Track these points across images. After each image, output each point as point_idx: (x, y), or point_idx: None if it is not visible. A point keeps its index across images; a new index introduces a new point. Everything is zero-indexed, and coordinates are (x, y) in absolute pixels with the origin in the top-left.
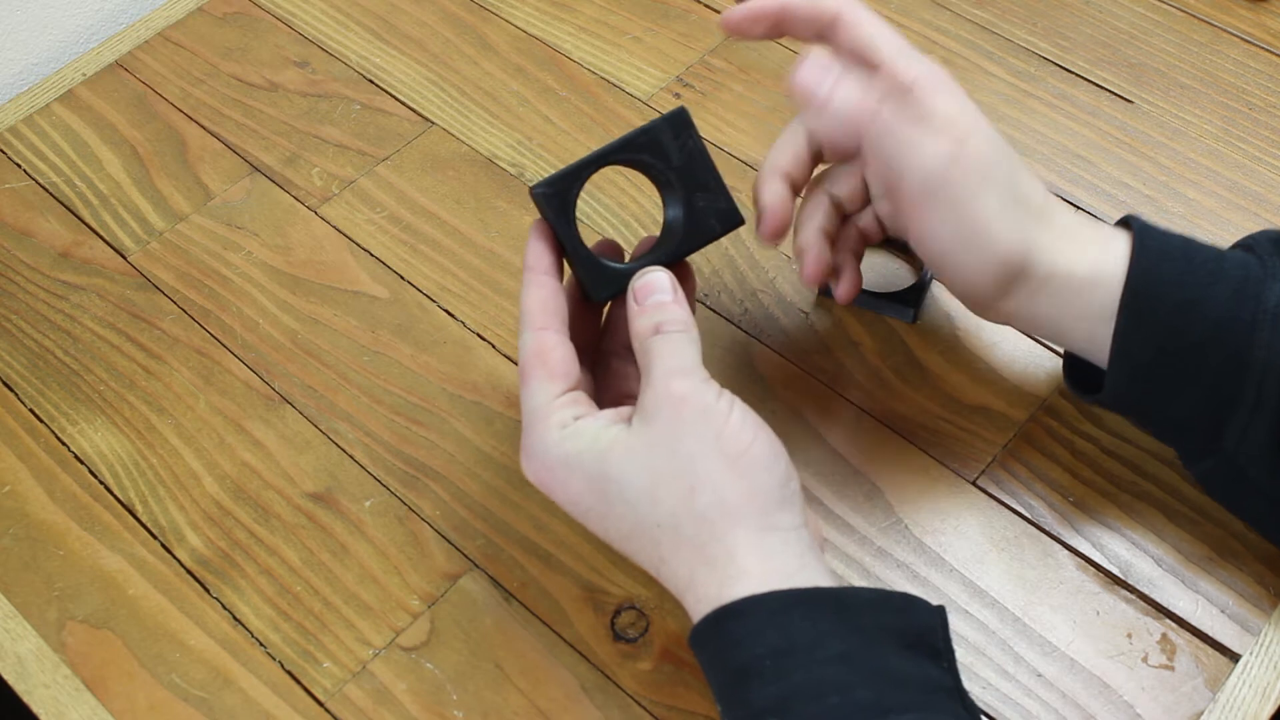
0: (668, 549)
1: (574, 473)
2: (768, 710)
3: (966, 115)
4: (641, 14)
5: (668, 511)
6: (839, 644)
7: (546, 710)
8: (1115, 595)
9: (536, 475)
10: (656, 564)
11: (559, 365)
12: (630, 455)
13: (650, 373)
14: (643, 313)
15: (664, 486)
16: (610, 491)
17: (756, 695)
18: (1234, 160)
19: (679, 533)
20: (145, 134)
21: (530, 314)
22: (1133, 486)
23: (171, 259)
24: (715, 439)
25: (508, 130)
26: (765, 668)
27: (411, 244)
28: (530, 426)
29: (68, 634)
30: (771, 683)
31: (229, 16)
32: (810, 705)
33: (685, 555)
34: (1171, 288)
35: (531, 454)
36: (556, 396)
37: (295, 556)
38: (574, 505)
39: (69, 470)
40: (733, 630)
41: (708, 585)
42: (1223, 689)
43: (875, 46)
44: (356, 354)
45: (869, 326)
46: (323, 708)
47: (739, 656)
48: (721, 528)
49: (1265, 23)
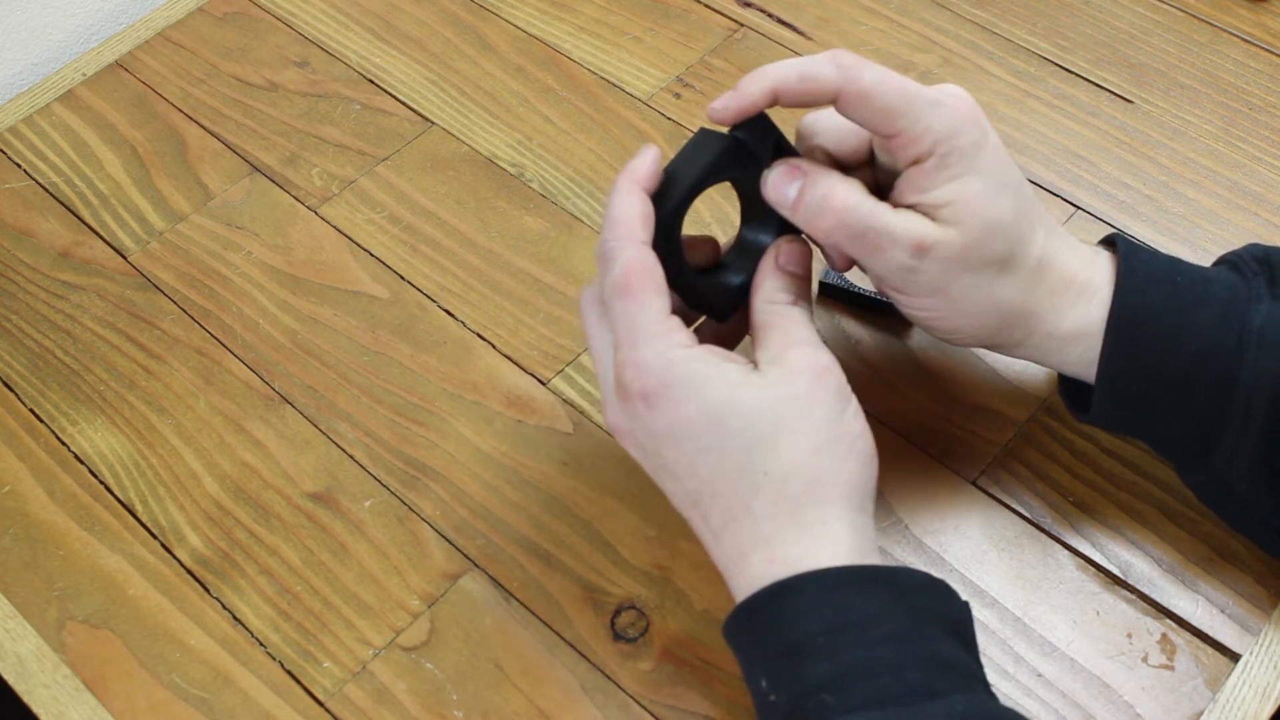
0: (764, 498)
1: (695, 395)
2: (821, 687)
3: (966, 192)
4: (641, 14)
5: (783, 462)
6: (892, 624)
7: (546, 710)
8: (1115, 595)
9: (647, 388)
10: (734, 515)
11: (665, 285)
12: (765, 397)
13: (789, 333)
14: (783, 279)
15: (789, 438)
16: (730, 425)
17: (810, 671)
18: (1234, 160)
19: (785, 486)
20: (145, 134)
21: (630, 223)
22: (1133, 486)
23: (171, 259)
24: (842, 417)
25: (508, 130)
26: (819, 644)
27: (411, 244)
28: (645, 338)
29: (68, 634)
30: (825, 659)
31: (229, 16)
32: (862, 684)
33: (781, 509)
34: (1157, 315)
35: (646, 367)
36: (669, 315)
37: (295, 556)
38: (674, 428)
39: (69, 470)
40: (790, 605)
41: (792, 547)
42: (1223, 689)
43: (883, 122)
44: (356, 354)
45: (869, 326)
46: (323, 708)
47: (794, 631)
48: (829, 494)
49: (1265, 23)
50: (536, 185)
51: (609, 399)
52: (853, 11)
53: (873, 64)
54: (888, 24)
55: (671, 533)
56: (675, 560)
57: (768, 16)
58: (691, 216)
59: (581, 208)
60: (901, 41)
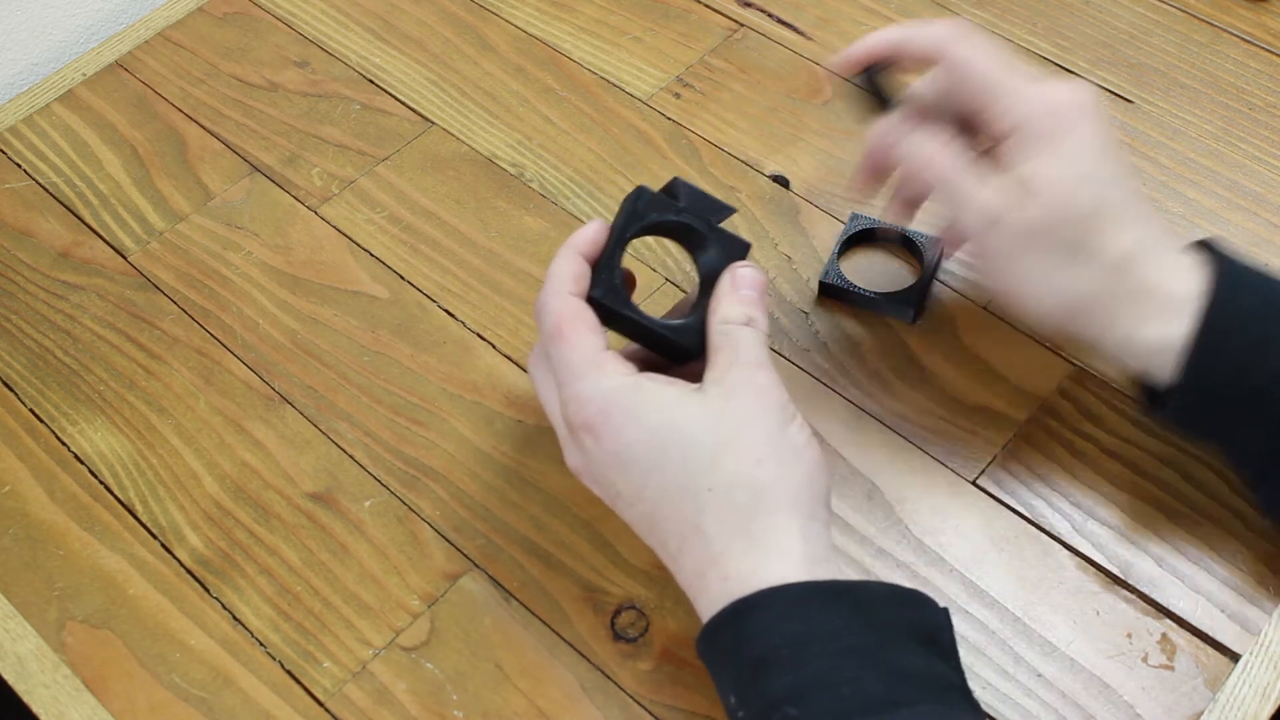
0: (711, 516)
1: (634, 421)
2: (784, 700)
3: (1040, 176)
4: (641, 14)
5: (726, 477)
6: (854, 637)
7: (546, 710)
8: (1115, 595)
9: (589, 419)
10: (684, 535)
11: (597, 325)
12: (703, 417)
13: (737, 354)
14: (739, 301)
15: (730, 453)
16: (670, 446)
17: (773, 685)
18: (1234, 160)
19: (730, 499)
20: (145, 134)
21: (561, 279)
22: (1133, 487)
23: (171, 259)
24: (785, 430)
25: (508, 130)
26: (783, 657)
27: (411, 244)
28: (583, 372)
29: (68, 634)
30: (789, 672)
31: (229, 16)
32: (824, 695)
33: (729, 524)
34: (1245, 324)
35: (586, 399)
36: (603, 350)
37: (295, 556)
38: (618, 455)
39: (69, 470)
40: (752, 621)
41: (742, 561)
42: (1223, 689)
43: (982, 90)
44: (356, 354)
45: (869, 326)
46: (323, 708)
47: (757, 646)
48: (775, 503)
49: (1265, 23)
50: (536, 185)
51: (565, 443)
52: (853, 11)
53: (983, 41)
54: (888, 24)
55: None
56: None
57: (768, 16)
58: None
59: (581, 208)
60: None
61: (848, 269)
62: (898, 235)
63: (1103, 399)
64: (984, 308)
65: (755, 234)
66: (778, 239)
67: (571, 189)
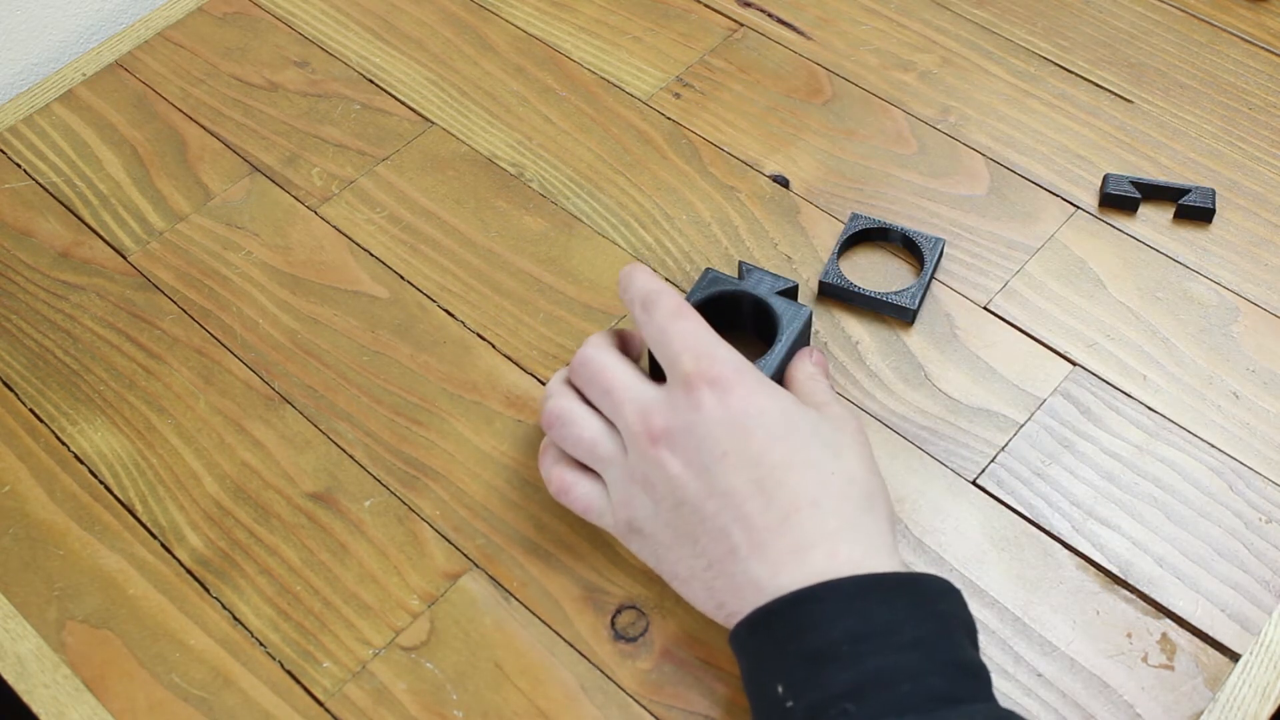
0: (832, 496)
1: (767, 390)
2: (843, 695)
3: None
4: (641, 14)
5: (848, 469)
6: (915, 630)
7: (546, 710)
8: (1115, 595)
9: (722, 374)
10: (799, 507)
11: None
12: (823, 417)
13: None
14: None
15: (850, 451)
16: (800, 423)
17: (832, 680)
18: (1234, 160)
19: (849, 488)
20: (145, 134)
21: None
22: (1133, 486)
23: (171, 259)
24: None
25: (508, 130)
26: (842, 652)
27: (411, 244)
28: (716, 340)
29: (68, 634)
30: (848, 667)
31: (229, 16)
32: (884, 692)
33: (846, 509)
34: None
35: (720, 358)
36: None
37: (295, 556)
38: (745, 414)
39: (69, 470)
40: (810, 613)
41: (855, 545)
42: (1223, 689)
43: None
44: (356, 354)
45: (869, 326)
46: (323, 708)
47: (815, 640)
48: (880, 509)
49: (1265, 23)
50: (536, 185)
51: (651, 408)
52: (853, 11)
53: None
54: (888, 24)
55: None
56: None
57: (768, 16)
58: (692, 215)
59: (581, 208)
60: (901, 41)
61: (848, 269)
62: (898, 235)
63: (1103, 399)
64: (984, 308)
65: (755, 234)
66: (778, 239)
67: (571, 189)
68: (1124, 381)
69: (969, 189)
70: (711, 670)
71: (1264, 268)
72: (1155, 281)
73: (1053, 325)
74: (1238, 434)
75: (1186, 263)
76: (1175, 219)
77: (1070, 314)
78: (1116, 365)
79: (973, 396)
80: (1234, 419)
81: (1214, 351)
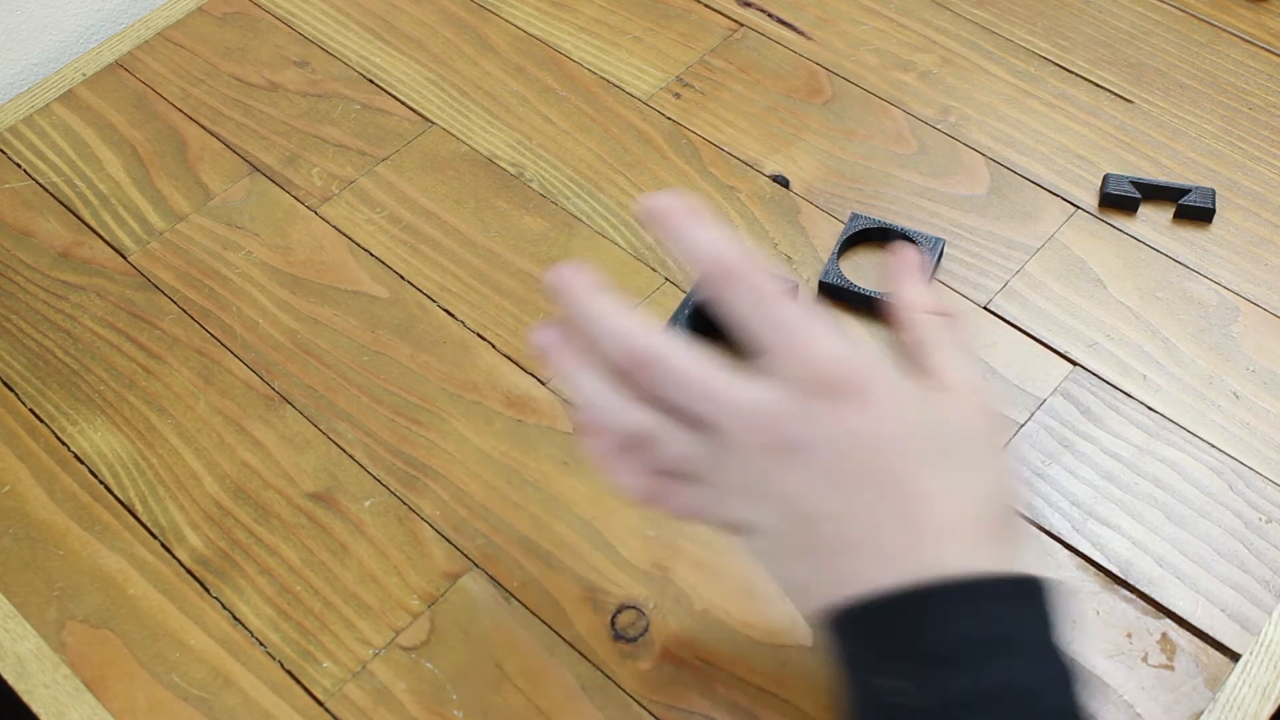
0: (969, 520)
1: (924, 423)
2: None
3: None
4: (641, 14)
5: (987, 479)
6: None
7: (546, 710)
8: (1115, 595)
9: (889, 414)
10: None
11: None
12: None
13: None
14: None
15: (986, 454)
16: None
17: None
18: (1234, 160)
19: (986, 505)
20: (145, 134)
21: None
22: (1133, 486)
23: (171, 259)
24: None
25: (508, 130)
26: (968, 656)
27: (411, 244)
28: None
29: (68, 634)
30: (971, 672)
31: (229, 16)
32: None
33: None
34: None
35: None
36: None
37: (295, 556)
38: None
39: (69, 470)
40: (938, 609)
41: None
42: (1223, 689)
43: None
44: (356, 354)
45: (869, 326)
46: (323, 707)
47: (942, 638)
48: (1013, 514)
49: (1265, 23)
50: (536, 185)
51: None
52: (853, 11)
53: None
54: (888, 24)
55: (671, 533)
56: (675, 560)
57: (768, 16)
58: None
59: (581, 207)
60: (901, 41)
61: (848, 269)
62: (898, 235)
63: (1103, 399)
64: (984, 307)
65: (755, 234)
66: (778, 239)
67: (571, 189)
68: (1124, 381)
69: (969, 189)
70: (711, 670)
71: (1264, 268)
72: (1155, 281)
73: (1053, 325)
74: (1238, 434)
75: (1186, 263)
76: (1175, 219)
77: (1070, 314)
78: (1116, 365)
79: None
80: (1234, 419)
81: (1214, 351)
